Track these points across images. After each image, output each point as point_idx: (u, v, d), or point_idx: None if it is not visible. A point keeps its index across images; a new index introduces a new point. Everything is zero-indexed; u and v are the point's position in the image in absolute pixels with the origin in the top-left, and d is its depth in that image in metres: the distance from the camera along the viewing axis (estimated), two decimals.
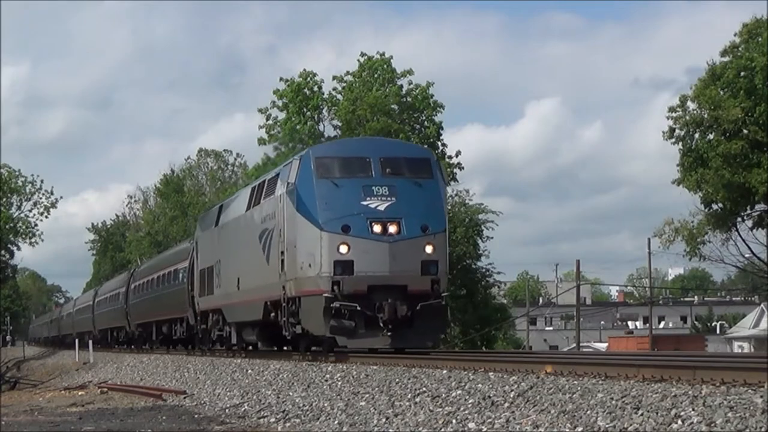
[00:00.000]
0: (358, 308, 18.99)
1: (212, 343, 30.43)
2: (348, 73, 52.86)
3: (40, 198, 75.56)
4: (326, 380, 16.63)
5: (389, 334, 19.17)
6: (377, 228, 19.33)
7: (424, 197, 20.10)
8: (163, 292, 39.04)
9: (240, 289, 25.37)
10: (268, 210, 22.59)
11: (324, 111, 53.84)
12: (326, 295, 19.14)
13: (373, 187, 19.66)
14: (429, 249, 19.63)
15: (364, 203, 19.54)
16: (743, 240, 47.70)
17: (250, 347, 28.18)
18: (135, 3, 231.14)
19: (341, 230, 19.32)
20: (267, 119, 53.93)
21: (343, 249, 19.29)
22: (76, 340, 58.43)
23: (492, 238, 53.58)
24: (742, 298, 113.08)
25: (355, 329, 19.12)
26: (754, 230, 47.04)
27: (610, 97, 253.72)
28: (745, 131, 42.77)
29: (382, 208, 19.49)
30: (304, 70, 53.42)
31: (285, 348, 25.62)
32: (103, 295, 61.73)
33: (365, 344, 19.77)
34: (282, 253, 21.07)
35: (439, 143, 50.70)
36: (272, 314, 22.33)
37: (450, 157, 50.64)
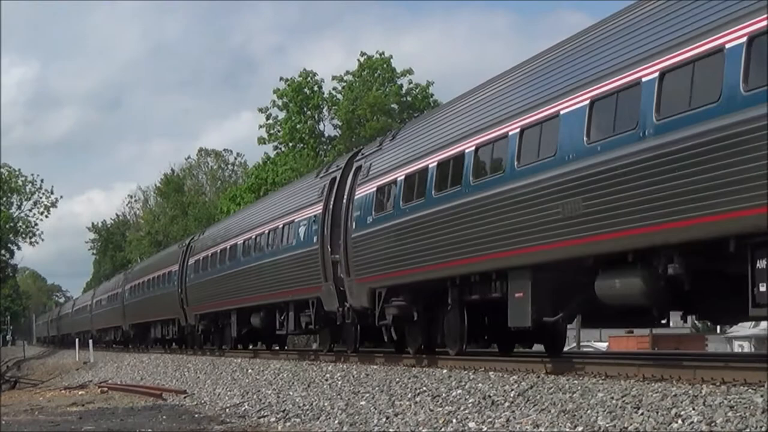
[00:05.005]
0: None
1: None
2: (348, 72, 52.99)
3: (40, 197, 75.93)
4: (326, 380, 16.62)
5: None
6: None
7: None
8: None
9: None
10: None
11: (324, 110, 53.99)
12: None
13: None
14: None
15: None
16: None
17: None
18: (145, 3, 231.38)
19: None
20: (267, 118, 54.13)
21: None
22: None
23: None
24: None
25: None
26: None
27: None
28: None
29: None
30: (304, 69, 53.69)
31: None
32: (161, 268, 37.21)
33: None
34: None
35: None
36: None
37: None
